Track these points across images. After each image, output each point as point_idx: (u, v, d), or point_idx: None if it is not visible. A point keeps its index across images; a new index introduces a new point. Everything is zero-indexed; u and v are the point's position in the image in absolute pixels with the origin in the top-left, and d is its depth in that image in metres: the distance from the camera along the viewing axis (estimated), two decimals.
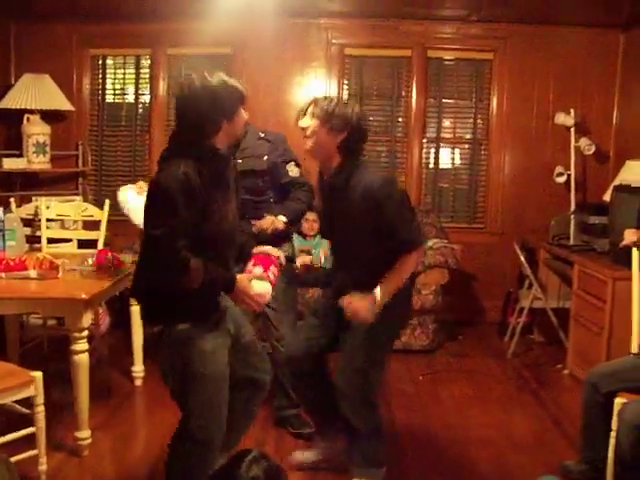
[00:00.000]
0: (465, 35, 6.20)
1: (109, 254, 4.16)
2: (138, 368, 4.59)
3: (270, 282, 2.80)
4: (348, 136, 2.99)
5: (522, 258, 5.35)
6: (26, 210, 5.31)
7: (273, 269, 2.86)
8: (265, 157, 3.73)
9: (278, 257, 2.96)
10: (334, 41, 6.25)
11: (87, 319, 3.50)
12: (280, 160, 3.78)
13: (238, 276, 2.68)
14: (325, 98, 3.08)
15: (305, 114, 3.06)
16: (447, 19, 6.12)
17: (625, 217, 4.51)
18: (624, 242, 3.83)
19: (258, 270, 2.82)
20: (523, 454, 3.73)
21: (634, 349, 3.50)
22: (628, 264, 3.66)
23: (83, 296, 3.43)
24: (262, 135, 3.80)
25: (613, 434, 3.08)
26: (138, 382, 4.59)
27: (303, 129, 3.04)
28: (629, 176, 4.96)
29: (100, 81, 6.53)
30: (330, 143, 3.00)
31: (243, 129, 2.82)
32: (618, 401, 3.12)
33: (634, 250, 3.61)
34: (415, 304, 5.22)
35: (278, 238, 3.63)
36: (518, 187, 6.29)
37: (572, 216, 5.68)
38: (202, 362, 2.61)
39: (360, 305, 2.93)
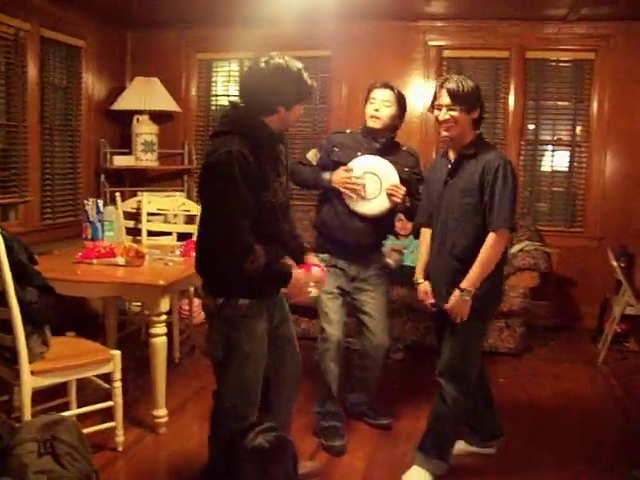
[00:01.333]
0: (565, 35, 6.08)
1: None
2: None
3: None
4: (480, 112, 3.17)
5: (614, 263, 5.22)
6: (130, 204, 5.63)
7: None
8: (407, 169, 3.81)
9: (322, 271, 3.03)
10: (431, 43, 6.30)
11: (165, 304, 3.70)
12: (416, 178, 3.85)
13: (295, 272, 2.78)
14: (451, 80, 3.16)
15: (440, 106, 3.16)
16: (546, 19, 6.02)
17: None
18: None
19: (316, 271, 2.94)
20: (595, 460, 3.67)
21: None
22: None
23: (161, 282, 3.65)
24: (405, 148, 3.90)
25: None
26: None
27: (443, 121, 3.15)
28: None
29: (206, 84, 6.83)
30: (466, 122, 3.14)
31: (294, 122, 2.91)
32: None
33: None
34: (503, 306, 5.21)
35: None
36: (620, 191, 6.11)
37: None
38: (250, 341, 2.75)
39: (457, 307, 3.10)
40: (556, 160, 6.37)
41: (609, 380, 4.98)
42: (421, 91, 6.34)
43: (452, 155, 3.26)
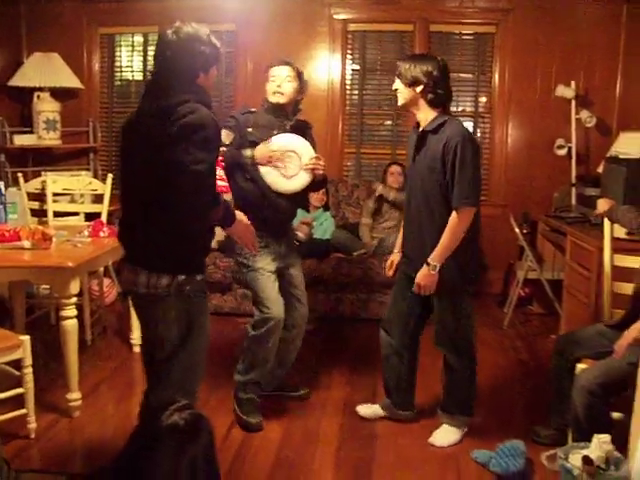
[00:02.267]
0: (468, 8, 6.21)
1: (104, 226, 4.36)
2: (136, 335, 4.74)
3: None
4: (425, 87, 3.27)
5: (517, 230, 5.41)
6: (34, 185, 5.49)
7: None
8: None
9: None
10: (336, 17, 6.32)
11: (75, 286, 3.65)
12: None
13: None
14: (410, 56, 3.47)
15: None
16: None
17: (613, 187, 4.56)
18: (596, 212, 3.88)
19: None
20: (497, 418, 3.85)
21: (606, 316, 3.59)
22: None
23: (70, 264, 3.59)
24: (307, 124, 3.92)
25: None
26: (136, 349, 4.75)
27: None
28: (622, 148, 4.98)
29: (109, 59, 6.69)
30: (411, 96, 3.32)
31: (212, 87, 2.87)
32: (579, 367, 3.21)
33: (605, 220, 3.68)
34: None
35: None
36: (521, 160, 6.30)
37: (573, 188, 5.73)
38: (205, 314, 2.83)
39: (424, 281, 3.29)
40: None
41: (514, 342, 5.18)
42: (327, 64, 6.37)
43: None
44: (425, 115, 3.34)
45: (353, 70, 6.50)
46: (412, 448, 3.52)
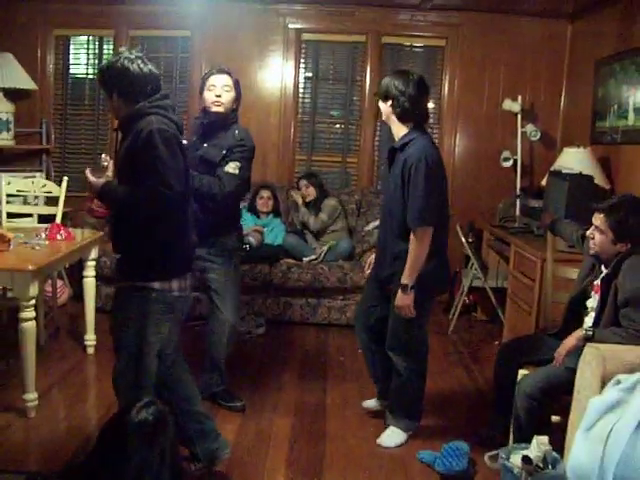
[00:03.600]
0: (419, 22, 6.39)
1: (61, 229, 4.40)
2: (90, 337, 4.79)
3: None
4: (393, 102, 3.41)
5: (463, 238, 5.58)
6: None
7: None
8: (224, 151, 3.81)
9: None
10: (291, 26, 6.44)
11: (34, 289, 3.68)
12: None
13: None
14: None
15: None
16: (401, 6, 6.32)
17: (556, 201, 4.75)
18: (540, 224, 4.06)
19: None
20: (442, 420, 4.01)
21: (547, 324, 3.78)
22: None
23: (30, 267, 3.63)
24: (235, 129, 3.86)
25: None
26: (90, 350, 4.79)
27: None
28: (565, 162, 5.18)
29: (63, 61, 6.68)
30: (387, 112, 3.46)
31: None
32: (521, 373, 3.38)
33: (548, 232, 3.86)
34: (359, 281, 5.48)
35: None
36: (468, 170, 6.50)
37: (517, 199, 5.93)
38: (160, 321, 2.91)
39: (402, 303, 3.42)
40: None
41: (459, 348, 5.36)
42: (280, 72, 6.49)
43: None
44: (397, 130, 3.47)
45: (306, 78, 6.63)
46: (361, 448, 3.65)
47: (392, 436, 3.71)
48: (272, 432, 3.78)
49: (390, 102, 3.41)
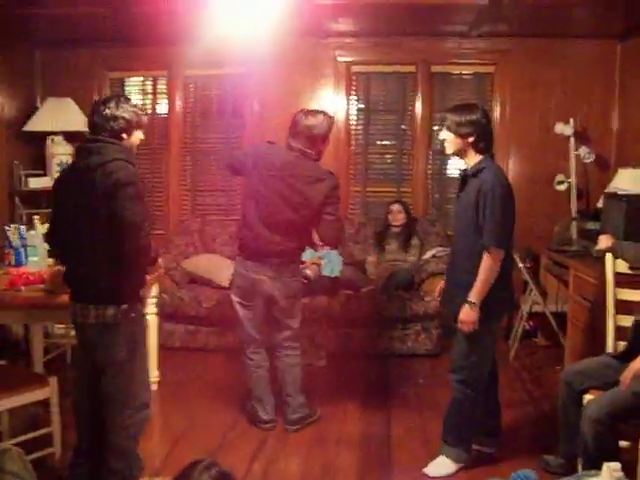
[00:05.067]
0: (467, 50, 6.43)
1: None
2: (154, 373, 4.86)
3: None
4: (477, 137, 3.52)
5: (520, 264, 5.54)
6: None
7: None
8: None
9: None
10: (341, 59, 6.54)
11: None
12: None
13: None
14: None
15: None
16: (449, 34, 6.36)
17: (614, 222, 4.71)
18: (598, 247, 4.03)
19: None
20: (507, 448, 3.95)
21: (609, 348, 3.73)
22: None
23: None
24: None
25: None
26: (154, 387, 4.86)
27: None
28: (620, 183, 5.14)
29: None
30: (459, 144, 3.57)
31: (136, 148, 3.34)
32: (586, 397, 3.35)
33: (608, 255, 3.83)
34: (419, 310, 5.49)
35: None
36: (522, 195, 6.30)
37: (573, 222, 5.88)
38: (145, 336, 3.42)
39: (464, 318, 3.49)
40: (462, 166, 6.65)
41: (521, 374, 5.31)
42: (332, 105, 6.56)
43: None
44: (471, 160, 3.57)
45: (358, 109, 6.70)
46: (428, 478, 3.65)
47: (440, 465, 3.70)
48: (338, 464, 3.80)
49: (473, 138, 3.49)
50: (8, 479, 2.61)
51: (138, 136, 3.26)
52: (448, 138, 3.58)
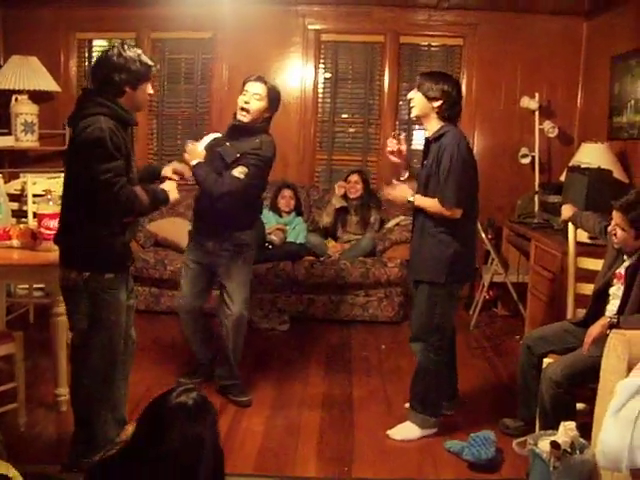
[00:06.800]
0: (436, 22, 6.46)
1: None
2: None
3: None
4: (442, 104, 3.55)
5: (482, 235, 5.63)
6: (13, 186, 5.55)
7: None
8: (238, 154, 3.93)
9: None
10: (310, 27, 6.53)
11: None
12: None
13: (162, 186, 3.31)
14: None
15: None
16: (419, 6, 6.39)
17: (576, 196, 4.79)
18: (561, 217, 4.13)
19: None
20: (468, 412, 4.06)
21: (569, 315, 3.83)
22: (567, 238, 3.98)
23: None
24: (257, 138, 3.95)
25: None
26: None
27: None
28: (584, 157, 5.24)
29: (86, 63, 6.79)
30: (425, 107, 3.60)
31: (146, 101, 3.22)
32: (546, 361, 3.45)
33: (570, 225, 3.92)
34: (381, 276, 5.56)
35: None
36: (486, 167, 6.40)
37: (536, 195, 5.98)
38: (114, 311, 3.10)
39: (396, 193, 3.71)
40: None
41: (481, 342, 5.43)
42: (300, 72, 6.57)
43: None
44: (432, 125, 3.61)
45: (325, 79, 6.71)
46: (389, 440, 3.72)
47: (404, 429, 3.76)
48: (301, 424, 3.86)
49: (439, 103, 3.54)
50: None
51: (145, 90, 3.08)
52: (416, 97, 3.60)
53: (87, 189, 2.94)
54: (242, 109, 3.91)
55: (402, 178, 3.85)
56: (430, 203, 3.53)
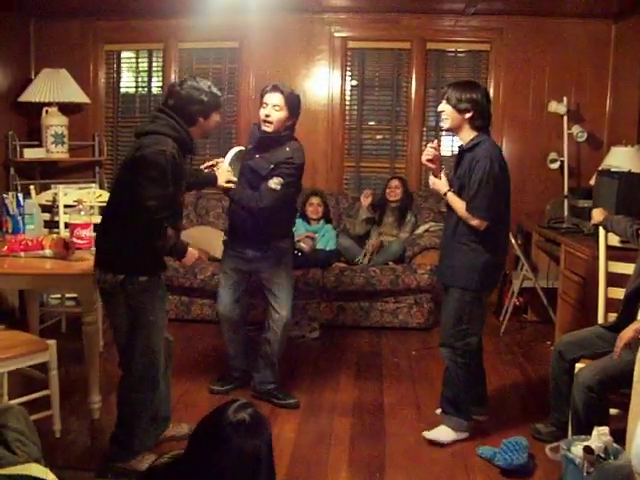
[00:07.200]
0: (462, 27, 6.46)
1: None
2: None
3: None
4: (475, 114, 3.55)
5: (512, 240, 5.60)
6: (45, 197, 5.65)
7: None
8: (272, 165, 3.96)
9: None
10: (337, 35, 6.55)
11: (97, 294, 3.80)
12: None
13: (190, 249, 3.40)
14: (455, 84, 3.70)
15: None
16: (445, 12, 6.40)
17: (606, 200, 4.75)
18: (592, 222, 4.09)
19: None
20: (500, 418, 4.03)
21: (600, 320, 3.80)
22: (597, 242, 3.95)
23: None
24: (287, 147, 3.99)
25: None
26: None
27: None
28: (613, 161, 5.20)
29: (115, 74, 6.89)
30: (457, 119, 3.58)
31: (214, 129, 3.44)
32: (578, 366, 3.42)
33: (600, 229, 3.90)
34: (411, 283, 5.56)
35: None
36: (514, 173, 6.32)
37: (565, 200, 5.95)
38: (152, 310, 3.22)
39: (438, 186, 3.69)
40: (456, 144, 6.68)
41: (511, 348, 5.38)
42: (327, 80, 6.60)
43: None
44: (466, 137, 3.60)
45: (352, 86, 6.73)
46: (421, 445, 3.71)
47: (439, 432, 3.76)
48: (332, 431, 3.86)
49: (470, 114, 3.53)
50: (11, 435, 2.66)
51: (214, 119, 3.30)
52: (447, 110, 3.59)
53: (130, 201, 3.05)
54: (264, 121, 3.94)
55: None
56: (460, 205, 3.55)
